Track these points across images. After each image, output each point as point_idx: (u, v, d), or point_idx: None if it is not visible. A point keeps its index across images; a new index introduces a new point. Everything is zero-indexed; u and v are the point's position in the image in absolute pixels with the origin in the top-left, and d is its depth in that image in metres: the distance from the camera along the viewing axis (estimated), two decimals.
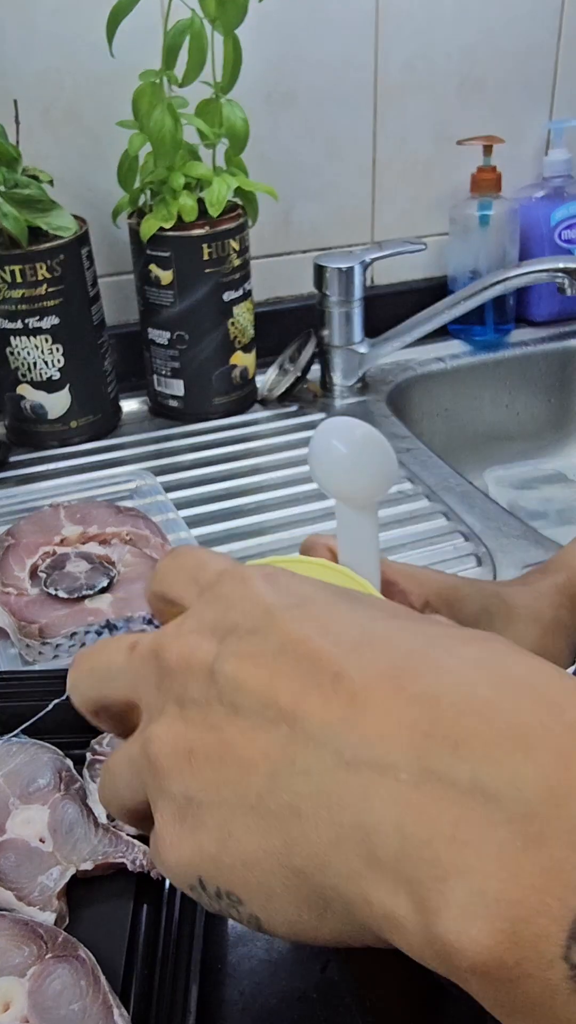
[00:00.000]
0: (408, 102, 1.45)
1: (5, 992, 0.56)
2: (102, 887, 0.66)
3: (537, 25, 1.48)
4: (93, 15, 1.21)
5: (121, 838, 0.67)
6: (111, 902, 0.65)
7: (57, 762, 0.72)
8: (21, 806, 0.69)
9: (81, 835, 0.67)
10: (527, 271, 1.26)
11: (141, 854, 0.66)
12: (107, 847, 0.66)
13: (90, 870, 0.65)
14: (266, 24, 1.30)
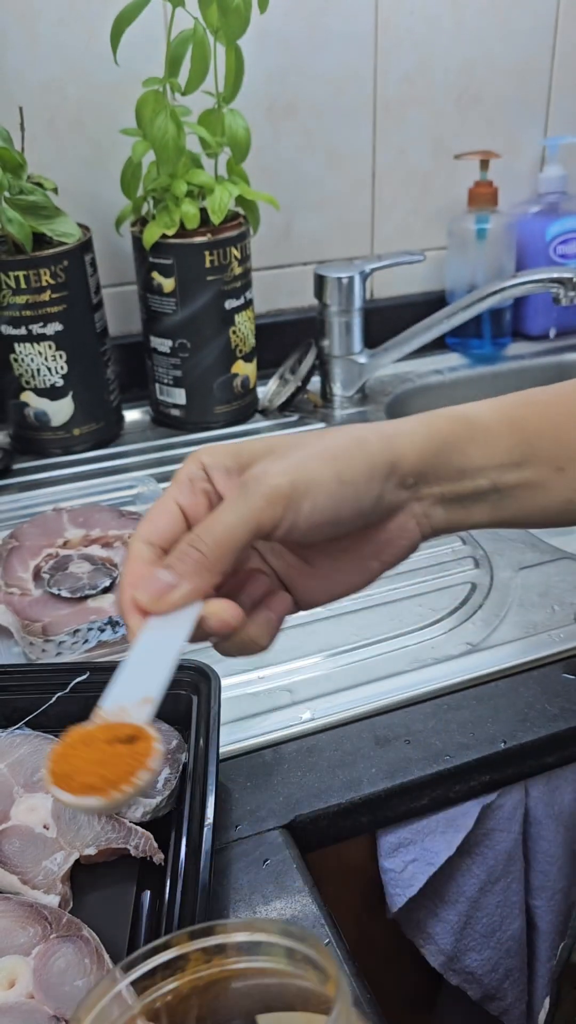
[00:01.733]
0: (407, 116, 1.47)
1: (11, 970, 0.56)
2: (105, 872, 0.66)
3: (533, 43, 1.50)
4: (97, 25, 1.23)
5: (124, 824, 0.67)
6: (114, 886, 0.65)
7: None
8: (25, 794, 0.70)
9: (84, 822, 0.68)
10: (522, 281, 1.28)
11: (143, 840, 0.66)
12: (110, 833, 0.67)
13: (93, 855, 0.66)
14: (268, 36, 1.31)
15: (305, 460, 0.51)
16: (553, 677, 0.86)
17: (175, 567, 0.50)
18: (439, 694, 0.84)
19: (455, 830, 0.80)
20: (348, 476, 0.51)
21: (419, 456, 0.54)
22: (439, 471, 0.55)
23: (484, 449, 0.55)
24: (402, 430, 0.54)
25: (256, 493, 0.50)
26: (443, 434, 0.55)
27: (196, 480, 0.53)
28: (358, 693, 0.84)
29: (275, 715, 0.82)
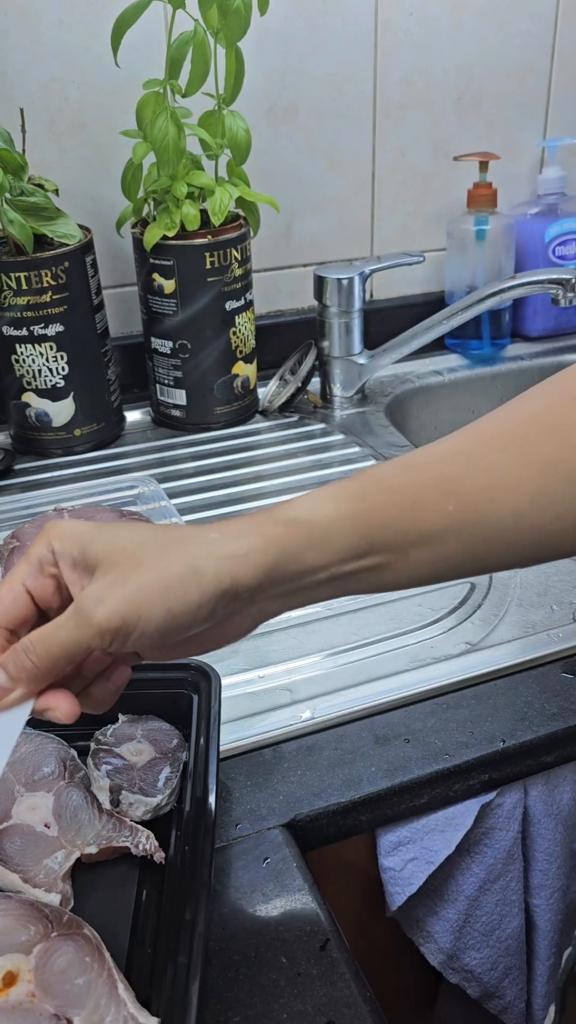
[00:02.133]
0: (406, 117, 1.47)
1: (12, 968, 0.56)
2: (107, 871, 0.67)
3: (532, 45, 1.50)
4: (98, 26, 1.23)
5: (125, 823, 0.67)
6: (115, 885, 0.66)
7: (61, 751, 0.73)
8: (27, 793, 0.70)
9: (85, 820, 0.68)
10: (521, 282, 1.28)
11: (144, 838, 0.66)
12: (111, 832, 0.67)
13: (94, 854, 0.66)
14: (268, 38, 1.32)
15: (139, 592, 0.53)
16: (552, 676, 0.86)
17: (10, 671, 0.55)
18: (438, 693, 0.84)
19: (454, 829, 0.80)
20: (178, 609, 0.53)
21: (255, 575, 0.55)
22: (276, 579, 0.56)
23: (323, 551, 0.56)
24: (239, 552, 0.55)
25: (88, 624, 0.53)
26: (280, 545, 0.55)
27: (45, 563, 0.56)
28: (358, 692, 0.84)
29: (275, 714, 0.82)
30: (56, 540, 0.56)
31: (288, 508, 0.57)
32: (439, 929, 0.85)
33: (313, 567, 0.56)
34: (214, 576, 0.54)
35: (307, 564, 0.56)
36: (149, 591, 0.53)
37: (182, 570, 0.54)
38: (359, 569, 0.57)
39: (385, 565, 0.57)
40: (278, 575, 0.56)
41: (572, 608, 0.93)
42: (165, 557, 0.54)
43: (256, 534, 0.56)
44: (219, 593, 0.54)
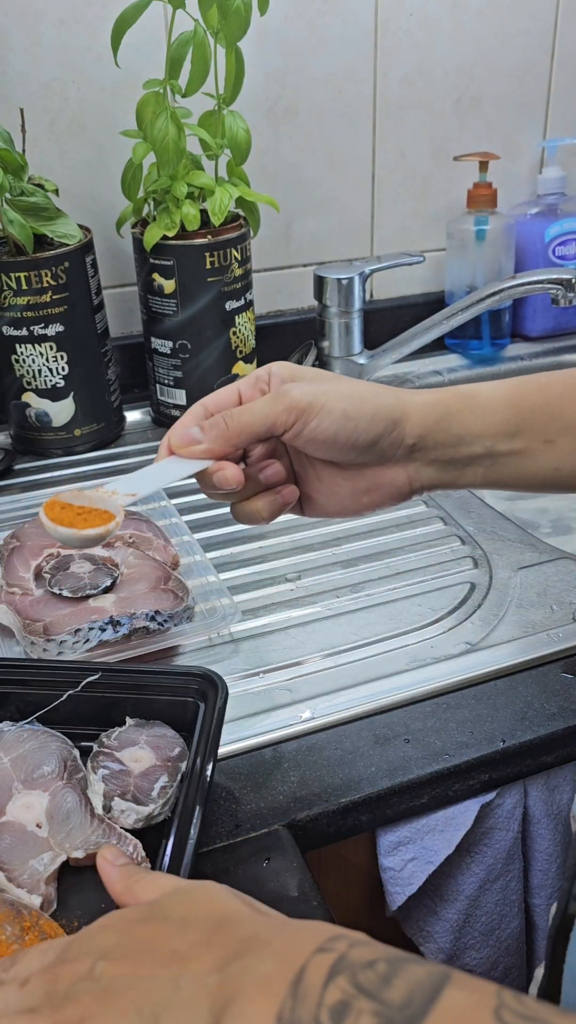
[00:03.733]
0: (406, 117, 1.47)
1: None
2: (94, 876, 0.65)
3: (532, 45, 1.50)
4: (98, 27, 1.23)
5: (115, 830, 0.67)
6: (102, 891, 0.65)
7: (64, 751, 0.73)
8: (24, 791, 0.70)
9: (76, 824, 0.68)
10: (521, 282, 1.28)
11: (132, 847, 0.66)
12: (100, 837, 0.67)
13: (81, 858, 0.66)
14: (268, 38, 1.32)
15: (328, 390, 0.63)
16: (552, 676, 0.86)
17: (204, 428, 0.64)
18: (438, 693, 0.84)
19: (454, 829, 0.80)
20: (353, 414, 0.63)
21: (422, 421, 0.64)
22: (438, 436, 0.65)
23: (482, 419, 0.64)
24: (414, 399, 0.65)
25: (281, 401, 0.62)
26: (447, 405, 0.65)
27: (260, 379, 0.66)
28: (358, 692, 0.84)
29: (275, 714, 0.82)
30: (275, 367, 0.66)
31: (460, 386, 0.67)
32: (439, 929, 0.85)
33: (471, 434, 0.65)
34: (390, 404, 0.64)
35: (467, 429, 0.65)
36: (337, 393, 0.63)
37: (367, 389, 0.64)
38: (511, 451, 0.65)
39: (534, 450, 0.65)
40: (441, 432, 0.65)
41: (572, 608, 0.94)
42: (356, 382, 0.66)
43: (430, 393, 0.65)
44: (389, 419, 0.64)
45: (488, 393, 0.65)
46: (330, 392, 0.63)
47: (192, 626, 0.89)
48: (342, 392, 0.63)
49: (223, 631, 0.92)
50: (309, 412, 0.62)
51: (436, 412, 0.64)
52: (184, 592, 0.93)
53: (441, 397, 0.65)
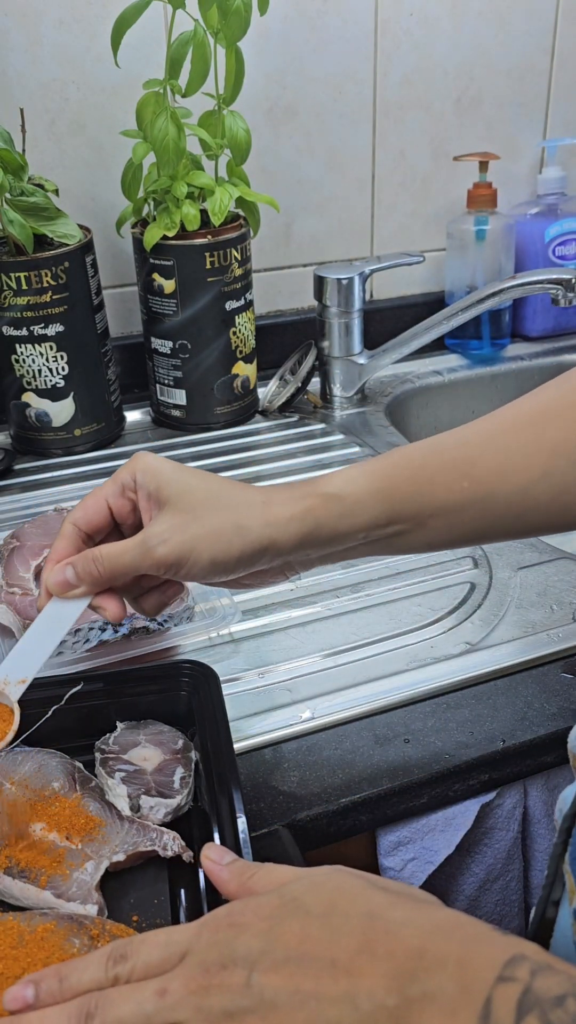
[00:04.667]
0: (406, 117, 1.47)
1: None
2: (133, 877, 0.66)
3: (532, 45, 1.50)
4: (98, 27, 1.23)
5: (149, 827, 0.67)
6: (147, 888, 0.65)
7: (66, 764, 0.72)
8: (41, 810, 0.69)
9: (109, 830, 0.67)
10: (521, 282, 1.28)
11: (171, 840, 0.66)
12: (136, 837, 0.66)
13: (122, 861, 0.65)
14: (268, 38, 1.32)
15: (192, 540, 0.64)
16: (552, 676, 0.86)
17: (78, 571, 0.67)
18: (438, 693, 0.84)
19: (454, 829, 0.80)
20: (221, 558, 0.65)
21: (292, 540, 0.65)
22: (310, 543, 0.66)
23: (352, 521, 0.66)
24: (280, 519, 0.65)
25: (150, 556, 0.65)
26: (316, 516, 0.65)
27: (127, 488, 0.68)
28: (358, 692, 0.84)
29: (275, 714, 0.82)
30: (139, 473, 0.67)
31: (325, 483, 0.67)
32: None
33: (343, 534, 0.66)
34: (256, 537, 0.64)
35: (338, 532, 0.66)
36: (202, 540, 0.64)
37: (231, 527, 0.64)
38: (383, 536, 0.67)
39: (406, 532, 0.66)
40: (312, 540, 0.66)
41: (572, 608, 0.94)
42: (220, 513, 0.65)
43: (297, 505, 0.65)
44: (258, 551, 0.65)
45: (356, 492, 0.66)
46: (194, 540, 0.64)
47: (192, 626, 0.89)
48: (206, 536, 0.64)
49: (223, 631, 0.92)
50: (177, 565, 0.65)
51: (304, 526, 0.65)
52: (184, 592, 0.93)
53: (309, 507, 0.65)
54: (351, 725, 0.81)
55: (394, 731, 0.80)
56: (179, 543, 0.64)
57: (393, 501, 0.65)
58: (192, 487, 0.66)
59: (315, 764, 0.77)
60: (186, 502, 0.65)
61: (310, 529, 0.65)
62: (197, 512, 0.65)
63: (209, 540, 0.64)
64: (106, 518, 0.69)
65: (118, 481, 0.68)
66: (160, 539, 0.64)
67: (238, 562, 0.65)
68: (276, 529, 0.65)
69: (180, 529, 0.64)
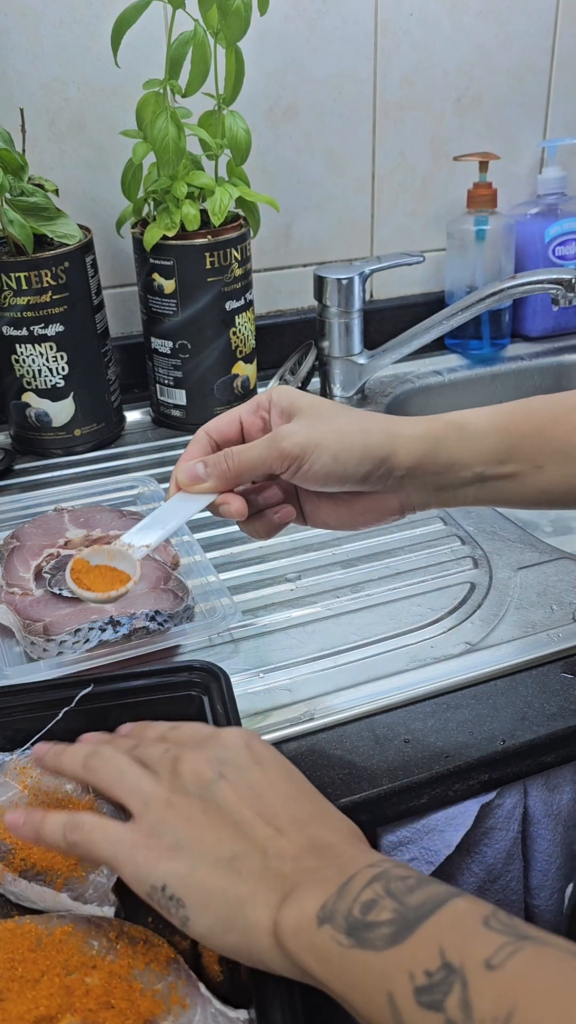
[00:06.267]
0: (406, 118, 1.47)
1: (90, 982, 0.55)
2: None
3: (532, 45, 1.50)
4: (98, 27, 1.23)
5: None
6: None
7: None
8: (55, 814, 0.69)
9: None
10: (521, 282, 1.28)
11: None
12: None
13: None
14: (268, 39, 1.32)
15: (319, 435, 0.66)
16: (552, 676, 0.86)
17: (208, 466, 0.69)
18: (438, 693, 0.84)
19: (454, 829, 0.80)
20: (342, 456, 0.66)
21: (411, 454, 0.67)
22: (428, 467, 0.68)
23: (471, 448, 0.67)
24: (404, 432, 0.67)
25: (276, 447, 0.67)
26: (436, 435, 0.67)
27: (261, 407, 0.71)
28: (358, 692, 0.84)
29: (275, 714, 0.82)
30: (275, 393, 0.70)
31: (452, 413, 0.69)
32: None
33: (461, 462, 0.68)
34: (378, 443, 0.67)
35: (456, 458, 0.68)
36: (327, 437, 0.66)
37: (356, 429, 0.67)
38: (499, 475, 0.68)
39: (523, 474, 0.68)
40: (430, 463, 0.68)
41: (572, 608, 0.94)
42: (348, 416, 0.68)
43: (420, 425, 0.68)
44: (378, 457, 0.67)
45: (477, 421, 0.68)
46: (321, 435, 0.66)
47: (192, 626, 0.89)
48: (332, 433, 0.67)
49: (223, 631, 0.92)
50: (301, 459, 0.67)
51: (425, 444, 0.67)
52: (184, 592, 0.93)
53: (430, 428, 0.68)
54: (351, 725, 0.81)
55: (394, 731, 0.80)
56: (306, 436, 0.66)
57: (512, 436, 0.67)
58: (323, 404, 0.70)
59: (315, 764, 0.77)
60: (317, 410, 0.69)
61: (429, 447, 0.67)
62: (326, 416, 0.68)
63: (334, 436, 0.67)
64: (237, 432, 0.72)
65: (254, 402, 0.72)
66: (289, 432, 0.67)
67: (359, 463, 0.67)
68: (398, 440, 0.67)
69: (308, 426, 0.67)
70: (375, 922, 0.46)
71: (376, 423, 0.68)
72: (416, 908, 0.46)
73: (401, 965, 0.44)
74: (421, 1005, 0.42)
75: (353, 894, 0.48)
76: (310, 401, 0.69)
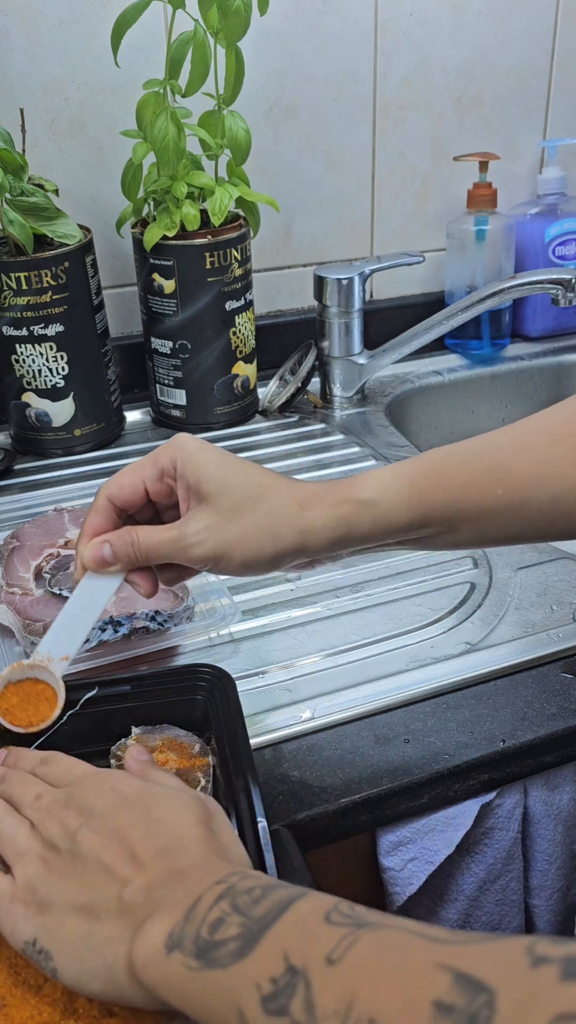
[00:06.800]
0: (406, 118, 1.47)
1: None
2: None
3: (532, 45, 1.50)
4: (98, 27, 1.23)
5: None
6: None
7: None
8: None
9: None
10: (521, 282, 1.28)
11: None
12: None
13: None
14: (268, 38, 1.32)
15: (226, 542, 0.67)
16: (552, 676, 0.86)
17: (116, 549, 0.69)
18: (438, 693, 0.84)
19: (454, 829, 0.80)
20: (252, 562, 0.67)
21: (322, 545, 0.68)
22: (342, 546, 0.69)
23: (385, 526, 0.68)
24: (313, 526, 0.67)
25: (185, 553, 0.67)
26: (349, 521, 0.67)
27: (166, 474, 0.69)
28: (358, 692, 0.84)
29: (275, 714, 0.82)
30: (180, 462, 0.68)
31: (359, 487, 0.68)
32: None
33: (374, 537, 0.68)
34: (289, 543, 0.67)
35: (370, 536, 0.68)
36: (236, 543, 0.66)
37: (266, 533, 0.67)
38: (415, 538, 0.69)
39: (436, 535, 0.69)
40: (343, 543, 0.68)
41: (572, 608, 0.94)
42: (256, 518, 0.67)
43: (331, 512, 0.67)
44: (290, 554, 0.67)
45: (390, 498, 0.67)
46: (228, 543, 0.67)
47: (192, 626, 0.89)
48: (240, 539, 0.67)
49: (223, 631, 0.92)
50: (212, 563, 0.68)
51: (337, 533, 0.67)
52: (184, 592, 0.93)
53: (343, 515, 0.67)
54: (351, 725, 0.81)
55: (394, 731, 0.80)
56: (214, 545, 0.67)
57: (426, 507, 0.67)
58: (232, 487, 0.68)
59: (315, 764, 0.77)
60: (224, 503, 0.67)
61: (342, 535, 0.67)
62: (233, 515, 0.67)
63: (243, 543, 0.67)
64: (142, 498, 0.71)
65: (158, 465, 0.70)
66: (197, 539, 0.67)
67: (269, 564, 0.68)
68: (309, 536, 0.67)
69: (216, 530, 0.67)
70: (222, 940, 0.46)
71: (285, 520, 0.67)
72: (260, 919, 0.46)
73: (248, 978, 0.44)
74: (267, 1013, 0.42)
75: (200, 915, 0.48)
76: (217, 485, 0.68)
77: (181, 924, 0.48)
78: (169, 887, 0.52)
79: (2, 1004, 0.53)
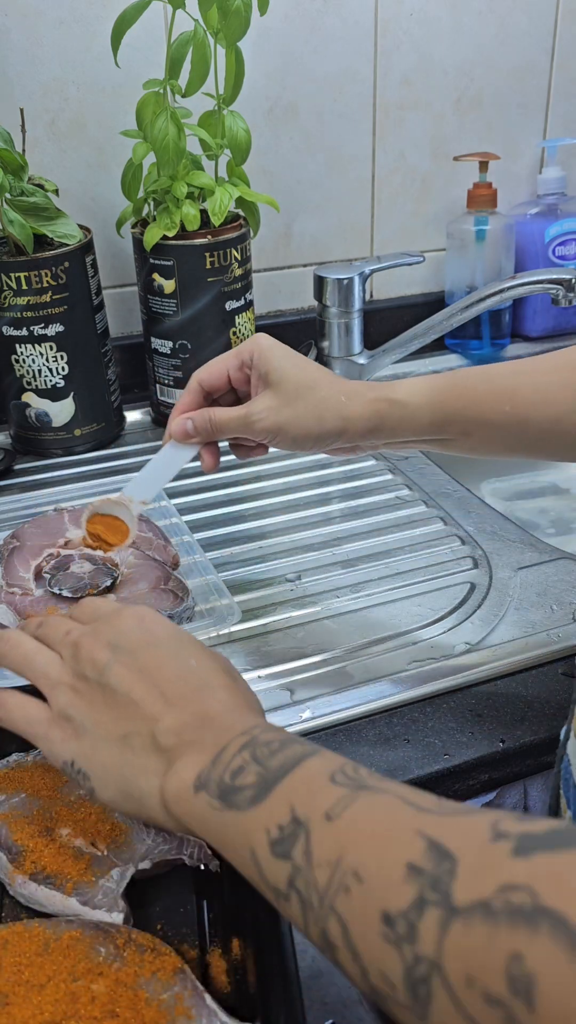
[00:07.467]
0: (406, 117, 1.47)
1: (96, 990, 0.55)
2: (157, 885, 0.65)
3: (532, 45, 1.50)
4: (98, 27, 1.23)
5: (174, 836, 0.66)
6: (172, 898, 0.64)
7: None
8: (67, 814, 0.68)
9: (134, 837, 0.66)
10: (521, 282, 1.28)
11: (197, 849, 0.65)
12: (162, 845, 0.65)
13: (148, 869, 0.64)
14: (268, 38, 1.32)
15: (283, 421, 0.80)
16: (552, 676, 0.86)
17: (196, 423, 0.84)
18: (438, 693, 0.84)
19: None
20: (302, 439, 0.81)
21: (360, 433, 0.80)
22: (375, 437, 0.81)
23: (411, 424, 0.79)
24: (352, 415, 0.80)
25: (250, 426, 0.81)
26: (381, 415, 0.79)
27: (244, 364, 0.83)
28: (358, 692, 0.84)
29: (275, 714, 0.82)
30: (256, 355, 0.81)
31: (392, 389, 0.80)
32: None
33: (401, 433, 0.80)
34: (332, 427, 0.80)
35: (397, 431, 0.80)
36: (289, 422, 0.80)
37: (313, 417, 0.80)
38: (435, 438, 0.81)
39: (455, 440, 0.80)
40: (376, 435, 0.81)
41: (572, 608, 0.94)
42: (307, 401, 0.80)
43: (368, 407, 0.79)
44: (333, 436, 0.80)
45: (418, 402, 0.79)
46: (284, 422, 0.80)
47: (192, 626, 0.89)
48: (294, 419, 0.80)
49: (223, 631, 0.92)
50: (270, 437, 0.81)
51: (371, 423, 0.80)
52: (184, 592, 0.92)
53: (377, 410, 0.79)
54: (351, 725, 0.81)
55: (394, 731, 0.80)
56: (272, 422, 0.80)
57: (446, 412, 0.78)
58: (291, 377, 0.80)
59: None
60: (284, 389, 0.80)
61: (376, 425, 0.80)
62: (290, 400, 0.80)
63: (295, 423, 0.80)
64: (225, 383, 0.84)
65: (239, 356, 0.83)
66: (259, 416, 0.80)
67: (316, 442, 0.81)
68: (349, 423, 0.80)
69: (275, 411, 0.80)
70: (241, 786, 0.52)
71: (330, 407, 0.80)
72: (275, 770, 0.52)
73: (259, 822, 0.50)
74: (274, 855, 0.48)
75: (225, 762, 0.54)
76: (280, 375, 0.80)
77: (208, 768, 0.54)
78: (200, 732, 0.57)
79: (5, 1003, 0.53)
